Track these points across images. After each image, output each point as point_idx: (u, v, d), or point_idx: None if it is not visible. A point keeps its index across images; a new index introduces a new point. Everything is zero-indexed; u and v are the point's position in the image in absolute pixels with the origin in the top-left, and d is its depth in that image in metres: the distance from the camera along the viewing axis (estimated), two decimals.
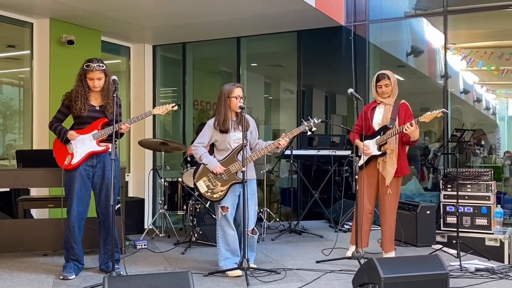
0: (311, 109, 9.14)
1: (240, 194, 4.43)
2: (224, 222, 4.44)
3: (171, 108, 4.43)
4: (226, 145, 4.49)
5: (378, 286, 3.45)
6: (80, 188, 4.28)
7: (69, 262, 4.36)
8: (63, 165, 4.31)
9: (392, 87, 4.79)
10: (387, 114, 4.78)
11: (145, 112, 4.44)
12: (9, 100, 7.67)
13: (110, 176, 4.23)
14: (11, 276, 4.33)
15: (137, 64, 8.67)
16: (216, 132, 4.48)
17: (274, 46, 8.68)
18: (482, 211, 5.68)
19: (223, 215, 4.43)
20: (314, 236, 6.06)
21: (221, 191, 4.42)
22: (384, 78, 4.79)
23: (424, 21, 7.71)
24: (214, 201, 4.49)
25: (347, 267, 4.51)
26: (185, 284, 3.15)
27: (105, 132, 4.31)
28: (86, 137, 4.31)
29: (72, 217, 4.30)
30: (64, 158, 4.32)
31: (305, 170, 7.36)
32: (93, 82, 4.27)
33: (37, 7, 6.47)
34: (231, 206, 4.46)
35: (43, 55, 6.95)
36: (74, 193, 4.28)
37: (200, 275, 4.31)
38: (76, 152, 4.29)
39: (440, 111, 4.49)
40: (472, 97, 9.33)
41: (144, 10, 6.64)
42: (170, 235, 6.03)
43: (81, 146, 4.30)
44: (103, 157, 4.37)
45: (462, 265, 4.55)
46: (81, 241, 4.40)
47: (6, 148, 7.48)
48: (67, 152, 4.33)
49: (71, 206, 4.30)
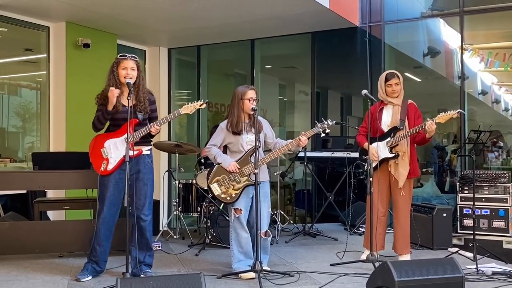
0: (326, 110, 9.10)
1: (253, 196, 4.41)
2: (238, 224, 4.43)
3: (199, 105, 4.28)
4: (238, 147, 4.48)
5: None
6: (113, 192, 4.23)
7: (88, 262, 4.34)
8: (99, 171, 4.23)
9: (401, 86, 4.74)
10: (396, 115, 4.72)
11: (174, 112, 4.32)
12: (27, 103, 7.79)
13: (145, 179, 4.24)
14: (27, 278, 4.37)
15: (153, 67, 8.73)
16: (228, 134, 4.49)
17: (288, 48, 8.67)
18: (499, 214, 5.60)
19: (236, 217, 4.42)
20: (329, 239, 6.03)
21: (235, 193, 4.41)
22: (394, 77, 4.73)
23: (440, 21, 7.62)
24: (228, 203, 4.47)
25: (361, 270, 4.47)
26: (198, 286, 3.14)
27: (137, 135, 4.19)
28: (118, 141, 4.22)
29: (101, 220, 4.27)
30: (100, 164, 4.24)
31: (320, 172, 7.32)
32: (126, 71, 4.16)
33: (53, 11, 6.55)
34: (244, 208, 4.45)
35: (60, 59, 7.04)
36: (106, 197, 4.23)
37: (213, 277, 4.31)
38: (110, 157, 4.22)
39: (456, 112, 4.42)
40: (491, 98, 9.19)
41: (159, 13, 6.68)
42: (185, 237, 6.05)
43: (115, 150, 4.22)
44: (138, 160, 4.26)
45: (478, 268, 4.48)
46: (108, 245, 4.37)
47: (24, 150, 7.59)
48: (102, 157, 4.26)
49: (102, 210, 4.26)
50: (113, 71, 4.19)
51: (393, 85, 4.72)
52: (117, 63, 4.20)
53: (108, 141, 4.26)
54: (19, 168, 7.19)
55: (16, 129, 7.75)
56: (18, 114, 7.70)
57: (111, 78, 4.20)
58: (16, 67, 7.61)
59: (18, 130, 7.78)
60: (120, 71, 4.17)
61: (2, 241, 4.92)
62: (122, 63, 4.18)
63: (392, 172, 4.72)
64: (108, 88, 4.15)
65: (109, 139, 4.27)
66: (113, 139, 4.25)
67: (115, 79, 4.18)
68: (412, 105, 4.76)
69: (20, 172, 6.34)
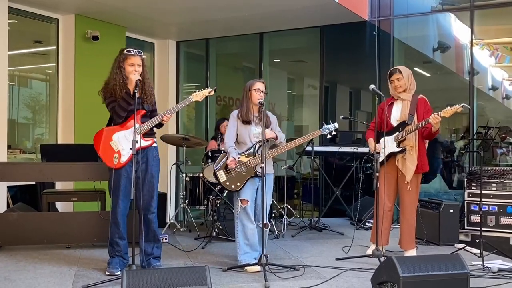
0: (335, 105, 9.07)
1: (258, 187, 4.48)
2: (244, 216, 4.47)
3: (208, 93, 4.31)
4: (246, 139, 4.55)
5: (397, 285, 3.40)
6: (125, 184, 4.21)
7: (114, 257, 4.29)
8: (112, 165, 4.18)
9: (405, 80, 4.72)
10: (405, 110, 4.70)
11: (184, 100, 4.32)
12: (37, 95, 7.84)
13: (154, 171, 4.25)
14: (35, 268, 4.42)
15: (161, 60, 8.74)
16: (239, 122, 4.58)
17: (297, 41, 8.64)
18: (507, 210, 5.56)
19: (243, 207, 4.45)
20: (335, 233, 6.03)
21: (239, 182, 4.46)
22: (395, 72, 4.74)
23: (451, 16, 7.55)
24: (232, 191, 4.53)
25: (367, 265, 4.47)
26: (202, 278, 3.17)
27: (147, 125, 4.20)
28: (127, 133, 4.20)
29: (119, 213, 4.25)
30: (112, 157, 4.21)
31: (327, 167, 7.32)
32: (134, 67, 4.17)
33: (63, 3, 6.58)
34: (251, 199, 4.49)
35: (69, 51, 7.07)
36: (120, 190, 4.21)
37: (219, 270, 4.33)
38: (122, 149, 4.19)
39: (460, 106, 4.40)
40: (501, 93, 9.11)
41: (168, 6, 6.68)
42: (191, 230, 6.08)
43: (126, 142, 4.18)
44: (147, 151, 4.27)
45: (484, 265, 4.47)
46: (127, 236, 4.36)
47: (34, 142, 7.64)
48: (113, 151, 4.22)
49: (117, 203, 4.23)
50: (120, 66, 4.19)
51: (395, 81, 4.72)
52: (124, 58, 4.20)
53: (117, 134, 4.25)
54: (28, 159, 7.25)
55: (26, 120, 7.81)
56: (28, 106, 7.75)
57: (117, 72, 4.19)
58: (26, 59, 7.66)
59: (28, 121, 7.84)
60: (127, 67, 4.18)
61: (11, 231, 4.98)
62: (130, 59, 4.19)
63: (399, 167, 4.71)
64: (113, 81, 4.17)
65: (117, 132, 4.26)
66: (122, 131, 4.24)
67: (122, 74, 4.18)
68: (422, 99, 4.74)
69: (29, 163, 6.39)
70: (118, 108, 4.20)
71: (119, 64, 4.20)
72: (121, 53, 4.24)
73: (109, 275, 4.16)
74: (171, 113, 4.28)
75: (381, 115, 4.75)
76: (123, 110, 4.20)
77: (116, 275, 4.13)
